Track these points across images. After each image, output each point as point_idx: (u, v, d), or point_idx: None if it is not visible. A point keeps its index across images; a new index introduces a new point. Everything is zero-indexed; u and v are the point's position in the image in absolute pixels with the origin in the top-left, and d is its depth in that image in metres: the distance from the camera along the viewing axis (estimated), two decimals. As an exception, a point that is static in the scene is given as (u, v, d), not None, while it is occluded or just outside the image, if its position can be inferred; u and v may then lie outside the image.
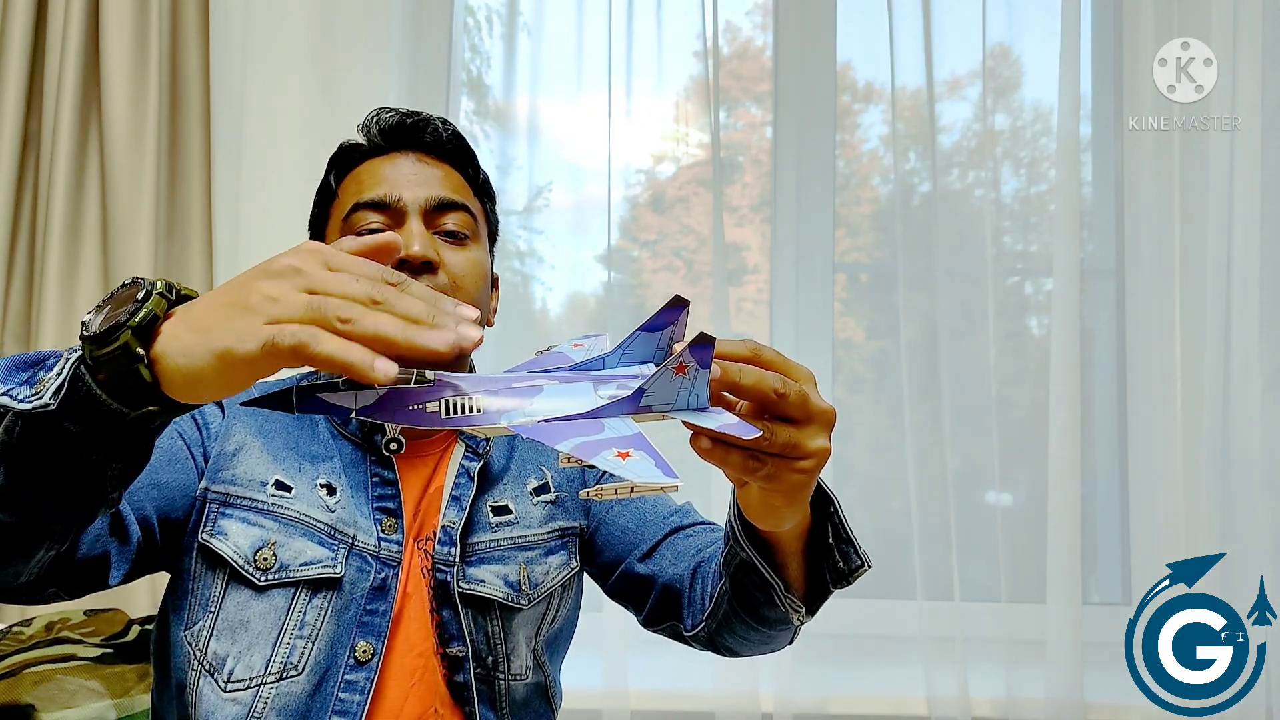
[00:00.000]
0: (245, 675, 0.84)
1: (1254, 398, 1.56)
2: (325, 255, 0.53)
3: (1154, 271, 1.63)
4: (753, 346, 0.63)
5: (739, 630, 0.86)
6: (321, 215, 0.98)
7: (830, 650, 1.57)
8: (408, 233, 0.89)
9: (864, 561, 0.77)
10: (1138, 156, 1.65)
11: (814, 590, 0.79)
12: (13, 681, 1.17)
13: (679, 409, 0.58)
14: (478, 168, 0.99)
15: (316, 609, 0.85)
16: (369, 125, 0.96)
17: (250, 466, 0.89)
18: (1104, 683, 1.54)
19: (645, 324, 0.60)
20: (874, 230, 1.85)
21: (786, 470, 0.63)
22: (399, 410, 0.55)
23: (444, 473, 0.94)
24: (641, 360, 0.61)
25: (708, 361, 0.57)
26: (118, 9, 1.52)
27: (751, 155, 1.85)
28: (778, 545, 0.76)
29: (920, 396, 1.64)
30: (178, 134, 1.59)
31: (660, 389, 0.57)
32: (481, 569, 0.91)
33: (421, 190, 0.91)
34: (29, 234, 1.56)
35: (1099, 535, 1.76)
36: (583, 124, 1.73)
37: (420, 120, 0.95)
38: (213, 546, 0.85)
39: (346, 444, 0.93)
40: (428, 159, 0.95)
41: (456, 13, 1.75)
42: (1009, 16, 1.74)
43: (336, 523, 0.88)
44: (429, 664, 0.89)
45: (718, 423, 0.57)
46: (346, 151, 0.97)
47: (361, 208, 0.91)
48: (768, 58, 1.86)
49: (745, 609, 0.82)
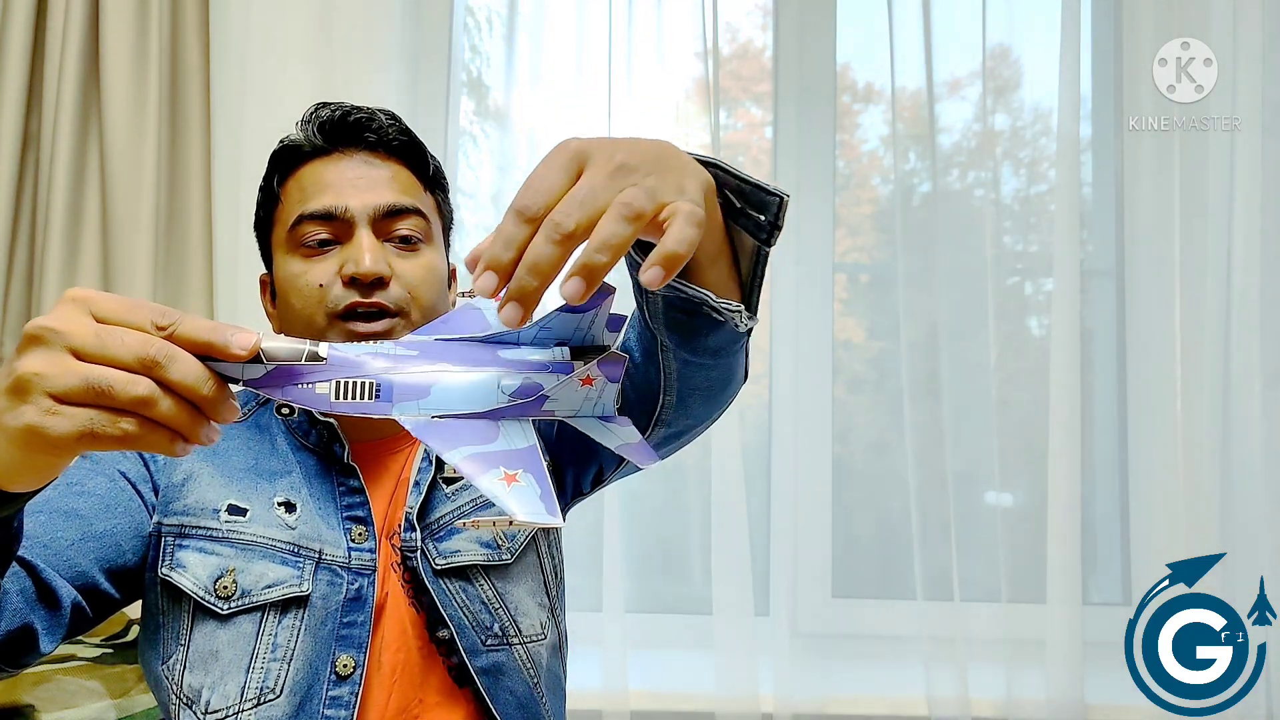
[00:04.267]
0: (221, 705, 0.82)
1: (1254, 398, 1.56)
2: (90, 303, 0.52)
3: (1154, 271, 1.63)
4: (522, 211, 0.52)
5: (692, 379, 0.78)
6: (266, 219, 0.94)
7: (830, 650, 1.57)
8: (357, 246, 0.86)
9: (777, 193, 0.64)
10: (1138, 156, 1.65)
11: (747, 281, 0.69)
12: (12, 681, 1.17)
13: (583, 416, 0.57)
14: (427, 160, 0.95)
15: (288, 630, 0.83)
16: (308, 124, 0.91)
17: (201, 494, 0.86)
18: (1104, 683, 1.54)
19: (566, 304, 0.56)
20: (874, 230, 1.85)
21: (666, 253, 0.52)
22: (288, 387, 0.54)
23: (411, 465, 0.93)
24: (559, 338, 0.59)
25: (616, 376, 0.56)
26: (118, 9, 1.52)
27: (751, 155, 1.85)
28: (690, 267, 0.65)
29: (920, 396, 1.64)
30: (178, 134, 1.58)
31: (564, 396, 0.56)
32: (452, 540, 0.89)
33: (370, 196, 0.88)
34: (29, 234, 1.56)
35: (1099, 535, 1.76)
36: (583, 123, 1.73)
37: (363, 116, 0.91)
38: (173, 580, 0.83)
39: (309, 455, 0.91)
40: (374, 158, 0.91)
41: (456, 13, 1.75)
42: (1009, 17, 1.74)
43: (299, 539, 0.86)
44: (410, 658, 0.87)
45: (618, 442, 0.57)
46: (287, 151, 0.92)
47: (306, 220, 0.88)
48: (768, 58, 1.85)
49: (690, 349, 0.74)
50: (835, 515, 1.73)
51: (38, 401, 0.50)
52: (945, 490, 1.61)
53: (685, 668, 1.57)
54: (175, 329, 0.52)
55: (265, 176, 0.95)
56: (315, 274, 0.88)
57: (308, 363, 0.54)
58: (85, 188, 1.55)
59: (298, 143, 0.92)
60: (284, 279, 0.90)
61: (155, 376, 0.50)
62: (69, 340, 0.50)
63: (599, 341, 0.59)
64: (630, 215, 0.51)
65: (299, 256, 0.89)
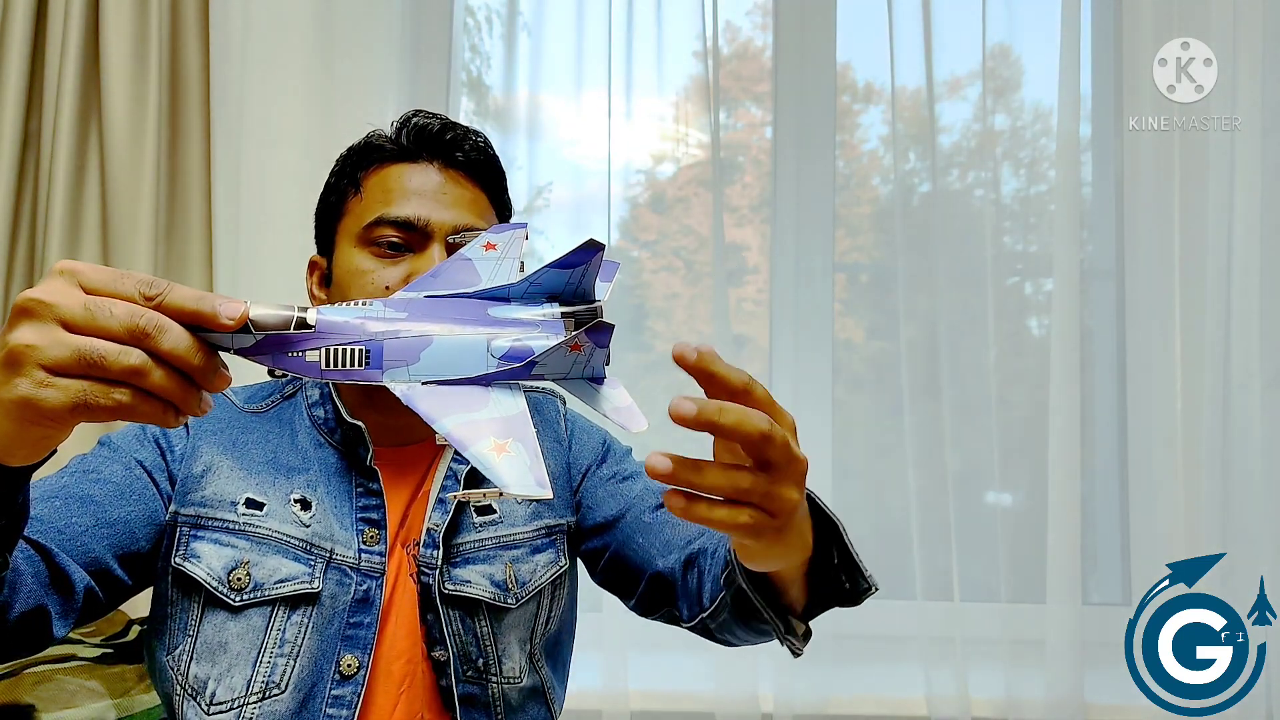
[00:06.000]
0: (227, 697, 0.83)
1: (1254, 398, 1.56)
2: (79, 274, 0.52)
3: (1154, 271, 1.63)
4: (747, 380, 0.56)
5: (739, 634, 0.86)
6: (337, 207, 0.95)
7: (830, 650, 1.57)
8: (430, 260, 0.89)
9: (871, 584, 0.76)
10: (1138, 156, 1.65)
11: (814, 602, 0.78)
12: (13, 681, 1.17)
13: (572, 378, 0.57)
14: (505, 187, 0.99)
15: (296, 626, 0.85)
16: (403, 127, 0.94)
17: (220, 486, 0.87)
18: (1104, 683, 1.54)
19: (557, 260, 0.57)
20: (874, 230, 1.85)
21: (765, 521, 0.59)
22: (278, 355, 0.54)
23: (434, 477, 0.94)
24: (549, 292, 0.59)
25: (605, 343, 0.57)
26: (118, 9, 1.52)
27: (751, 155, 1.85)
28: (776, 575, 0.74)
29: (920, 396, 1.64)
30: (178, 134, 1.58)
31: (554, 361, 0.56)
32: (467, 569, 0.90)
33: (451, 215, 0.91)
34: (29, 234, 1.56)
35: (1099, 535, 1.76)
36: (583, 124, 1.73)
37: (457, 135, 0.94)
38: (186, 570, 0.84)
39: (331, 453, 0.92)
40: (460, 178, 0.94)
41: (456, 13, 1.75)
42: (1009, 16, 1.74)
43: (312, 537, 0.87)
44: (417, 670, 0.88)
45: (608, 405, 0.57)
46: (373, 148, 0.94)
47: (386, 222, 0.90)
48: (768, 58, 1.85)
49: (743, 623, 0.82)
50: (835, 515, 1.73)
51: (31, 374, 0.50)
52: (945, 490, 1.61)
53: (685, 668, 1.57)
54: (163, 298, 0.52)
55: (343, 164, 0.96)
56: (384, 276, 0.89)
57: (297, 330, 0.54)
58: (85, 188, 1.55)
59: (383, 141, 0.94)
60: (348, 271, 0.91)
61: (146, 347, 0.50)
62: (59, 312, 0.50)
63: (589, 296, 0.59)
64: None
65: (370, 254, 0.91)
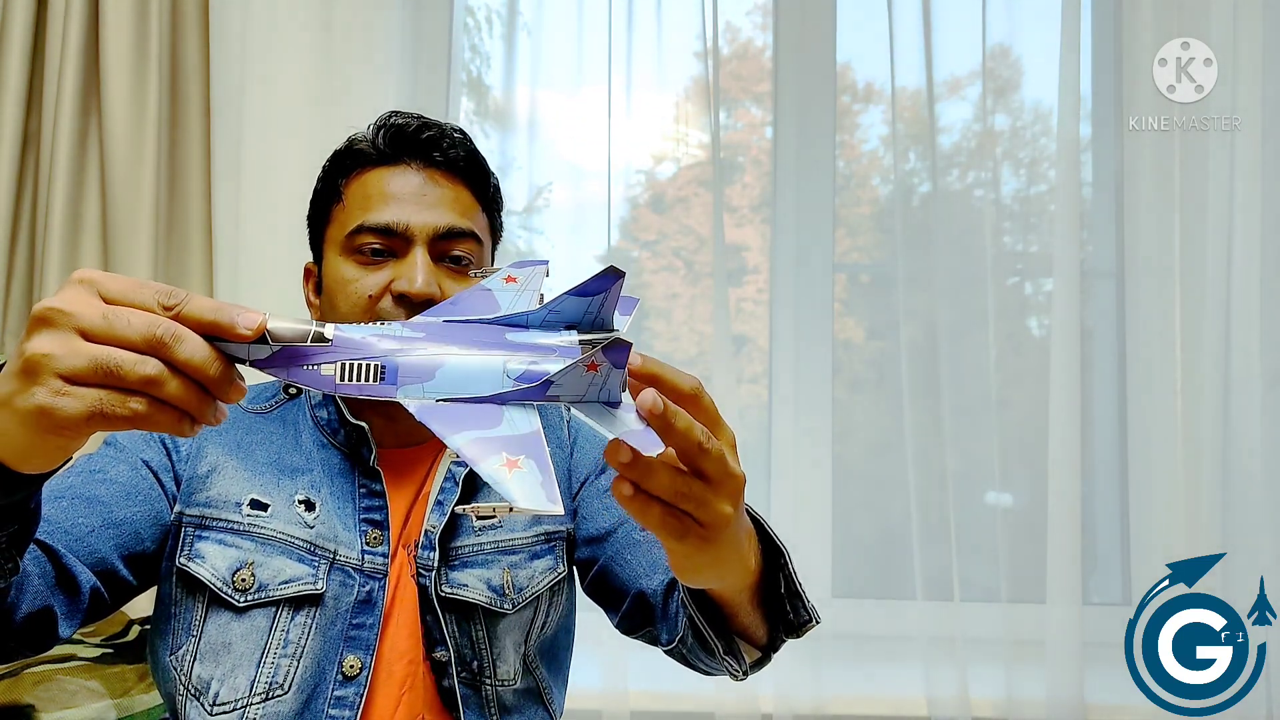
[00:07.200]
0: (230, 698, 0.83)
1: (1254, 398, 1.56)
2: (97, 284, 0.52)
3: (1154, 271, 1.63)
4: (696, 386, 0.57)
5: (702, 658, 0.85)
6: (323, 215, 0.95)
7: (830, 650, 1.57)
8: (411, 265, 0.88)
9: (811, 616, 0.75)
10: (1138, 156, 1.65)
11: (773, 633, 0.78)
12: (13, 681, 1.17)
13: (588, 401, 0.57)
14: (489, 182, 0.96)
15: (300, 627, 0.85)
16: (378, 131, 0.92)
17: (225, 487, 0.87)
18: (1104, 683, 1.54)
19: (576, 288, 0.57)
20: (874, 230, 1.85)
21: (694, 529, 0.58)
22: (293, 368, 0.54)
23: (435, 478, 0.94)
24: (568, 321, 0.58)
25: (622, 362, 0.56)
26: (118, 9, 1.52)
27: (751, 155, 1.85)
28: (720, 596, 0.74)
29: (920, 396, 1.64)
30: (178, 134, 1.58)
31: (569, 382, 0.55)
32: (464, 573, 0.90)
33: (431, 216, 0.89)
34: (29, 234, 1.56)
35: (1099, 535, 1.76)
36: (583, 124, 1.73)
37: (434, 134, 0.92)
38: (191, 570, 0.84)
39: (334, 453, 0.92)
40: (440, 177, 0.92)
41: (456, 13, 1.75)
42: (1009, 16, 1.74)
43: (316, 538, 0.87)
44: (418, 670, 0.88)
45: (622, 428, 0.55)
46: (353, 153, 0.93)
47: (366, 229, 0.89)
48: (768, 58, 1.86)
49: (702, 645, 0.81)
50: (835, 515, 1.73)
51: (48, 382, 0.50)
52: (945, 490, 1.61)
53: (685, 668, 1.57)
54: (181, 309, 0.52)
55: (326, 172, 0.96)
56: (367, 284, 0.89)
57: (313, 344, 0.54)
58: (85, 188, 1.55)
59: (365, 146, 0.93)
60: (334, 280, 0.91)
61: (163, 356, 0.51)
62: (77, 321, 0.50)
63: (608, 325, 0.59)
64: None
65: (353, 263, 0.90)
